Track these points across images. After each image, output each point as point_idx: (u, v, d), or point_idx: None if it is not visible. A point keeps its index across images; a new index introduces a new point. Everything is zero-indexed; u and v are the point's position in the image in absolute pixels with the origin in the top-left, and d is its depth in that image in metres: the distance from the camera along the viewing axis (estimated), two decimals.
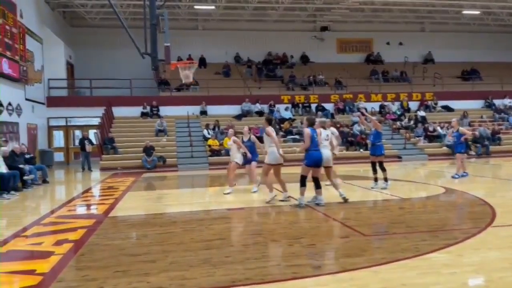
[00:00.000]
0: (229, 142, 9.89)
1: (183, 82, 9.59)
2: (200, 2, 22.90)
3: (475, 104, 23.77)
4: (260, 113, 22.09)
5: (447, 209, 7.73)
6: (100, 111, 19.98)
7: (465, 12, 25.48)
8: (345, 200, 7.80)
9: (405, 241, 5.07)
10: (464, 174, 11.29)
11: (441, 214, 7.13)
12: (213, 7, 23.74)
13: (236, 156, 9.80)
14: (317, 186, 7.56)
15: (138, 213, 7.95)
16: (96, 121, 20.02)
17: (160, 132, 19.74)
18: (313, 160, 7.41)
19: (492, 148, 19.28)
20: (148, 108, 21.39)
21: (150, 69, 12.50)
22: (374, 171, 9.73)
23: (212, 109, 21.77)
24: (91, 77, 22.03)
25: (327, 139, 8.10)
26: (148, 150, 17.47)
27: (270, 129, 8.16)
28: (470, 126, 21.46)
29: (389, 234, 5.65)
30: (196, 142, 19.07)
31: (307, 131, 7.55)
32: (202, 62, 25.77)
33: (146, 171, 16.67)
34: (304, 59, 27.12)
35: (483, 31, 28.30)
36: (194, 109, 21.52)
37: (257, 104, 22.24)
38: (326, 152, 7.88)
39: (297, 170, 7.94)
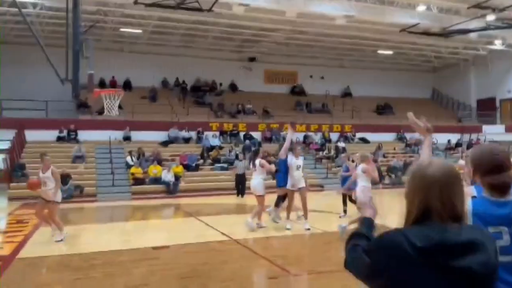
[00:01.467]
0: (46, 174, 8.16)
1: (106, 114, 9.07)
2: (126, 25, 22.30)
3: (389, 137, 25.62)
4: (187, 140, 21.78)
5: None
6: (10, 134, 18.29)
7: (380, 51, 27.74)
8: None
9: (332, 281, 5.17)
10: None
11: None
12: (140, 31, 23.27)
13: (57, 195, 8.25)
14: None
15: (52, 253, 7.26)
16: (5, 145, 18.27)
17: (78, 158, 18.50)
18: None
19: (404, 178, 20.79)
20: (65, 132, 20.03)
21: (69, 90, 11.73)
22: (344, 203, 10.40)
23: (137, 135, 21.00)
24: (2, 97, 20.18)
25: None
26: (64, 179, 16.18)
27: None
28: (384, 157, 23.05)
29: (316, 273, 5.73)
30: (118, 170, 18.15)
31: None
32: (127, 85, 24.97)
33: (61, 201, 15.40)
34: (233, 87, 27.47)
35: (395, 69, 30.96)
36: (117, 134, 20.55)
37: (184, 131, 21.89)
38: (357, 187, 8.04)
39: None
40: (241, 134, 22.63)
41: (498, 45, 25.29)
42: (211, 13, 18.10)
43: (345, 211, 10.34)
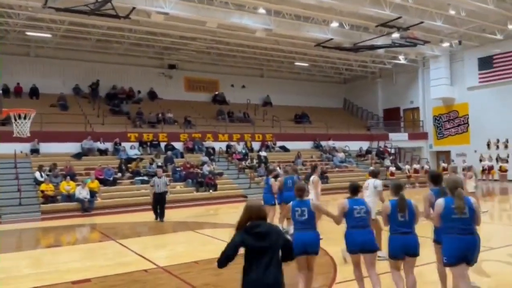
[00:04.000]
0: None
1: (16, 135, 8.21)
2: (34, 28, 20.55)
3: (306, 145, 26.66)
4: (103, 152, 20.62)
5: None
6: None
7: (296, 63, 28.87)
8: None
9: None
10: None
11: (289, 271, 7.53)
12: (49, 35, 21.59)
13: None
14: None
15: None
16: None
17: None
18: None
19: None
20: None
21: None
22: None
23: (46, 147, 19.41)
24: None
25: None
26: None
27: None
28: (303, 165, 23.93)
29: None
30: (25, 187, 16.59)
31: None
32: (34, 92, 23.06)
33: None
34: (152, 95, 26.64)
35: (311, 80, 32.48)
36: (23, 147, 18.78)
37: (100, 142, 20.69)
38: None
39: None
40: (162, 144, 22.00)
41: (401, 60, 27.74)
42: (128, 19, 17.40)
43: None
